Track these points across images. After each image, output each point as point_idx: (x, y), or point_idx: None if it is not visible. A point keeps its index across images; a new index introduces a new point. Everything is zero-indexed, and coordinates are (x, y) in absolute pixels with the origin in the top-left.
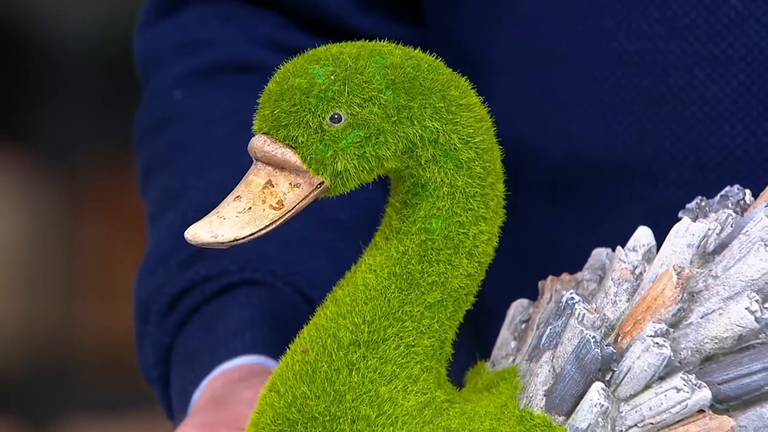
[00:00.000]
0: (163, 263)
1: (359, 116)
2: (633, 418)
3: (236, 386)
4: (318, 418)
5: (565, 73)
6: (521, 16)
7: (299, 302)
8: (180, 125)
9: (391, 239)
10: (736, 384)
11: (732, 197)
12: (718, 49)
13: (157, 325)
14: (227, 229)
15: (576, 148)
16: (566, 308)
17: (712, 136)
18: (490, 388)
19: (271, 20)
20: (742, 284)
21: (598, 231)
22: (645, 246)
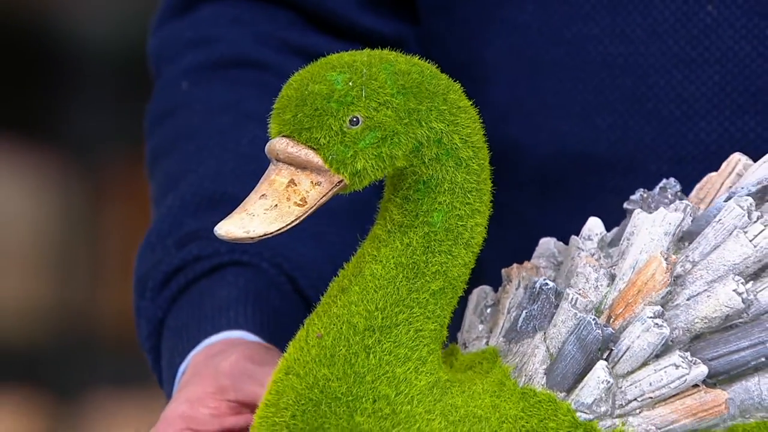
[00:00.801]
0: (161, 242)
1: (375, 119)
2: (633, 393)
3: (215, 359)
4: (341, 398)
5: (552, 75)
6: (512, 23)
7: (284, 283)
8: (184, 113)
9: (394, 232)
10: (725, 360)
11: (670, 189)
12: (694, 52)
13: (151, 300)
14: (257, 225)
15: (563, 144)
16: (541, 293)
17: (689, 132)
18: (473, 368)
19: (277, 18)
20: (725, 268)
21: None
22: (598, 235)
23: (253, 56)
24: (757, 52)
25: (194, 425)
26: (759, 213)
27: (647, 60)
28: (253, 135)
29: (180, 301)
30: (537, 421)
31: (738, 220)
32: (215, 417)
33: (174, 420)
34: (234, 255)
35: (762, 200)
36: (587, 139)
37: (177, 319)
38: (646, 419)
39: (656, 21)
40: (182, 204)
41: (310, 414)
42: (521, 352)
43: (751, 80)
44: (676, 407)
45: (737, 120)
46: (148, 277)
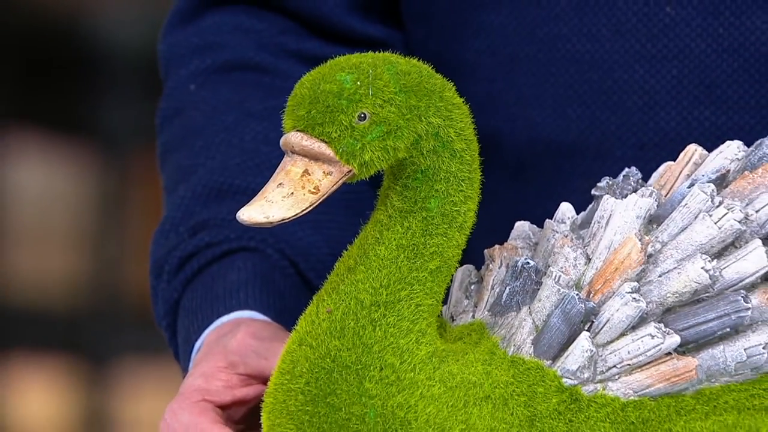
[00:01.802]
0: (174, 229)
1: (381, 115)
2: (613, 360)
3: (224, 339)
4: (351, 366)
5: (526, 71)
6: (488, 24)
7: (287, 266)
8: (192, 113)
9: (395, 217)
10: (694, 330)
11: (632, 177)
12: (655, 49)
13: (167, 282)
14: (276, 211)
15: (537, 132)
16: (523, 271)
17: (651, 122)
18: (463, 339)
19: (275, 25)
20: (693, 248)
21: (555, 202)
22: (570, 218)
23: (254, 60)
24: (711, 49)
25: (209, 396)
26: (720, 198)
27: (612, 56)
28: (255, 132)
29: (194, 284)
30: (526, 386)
31: (703, 205)
32: (228, 388)
33: (191, 393)
34: (242, 241)
35: (721, 186)
36: (558, 128)
37: (191, 300)
38: (625, 384)
39: (620, 21)
40: (193, 195)
41: (323, 381)
42: (507, 325)
43: (706, 74)
44: (651, 373)
45: (694, 110)
46: (164, 261)
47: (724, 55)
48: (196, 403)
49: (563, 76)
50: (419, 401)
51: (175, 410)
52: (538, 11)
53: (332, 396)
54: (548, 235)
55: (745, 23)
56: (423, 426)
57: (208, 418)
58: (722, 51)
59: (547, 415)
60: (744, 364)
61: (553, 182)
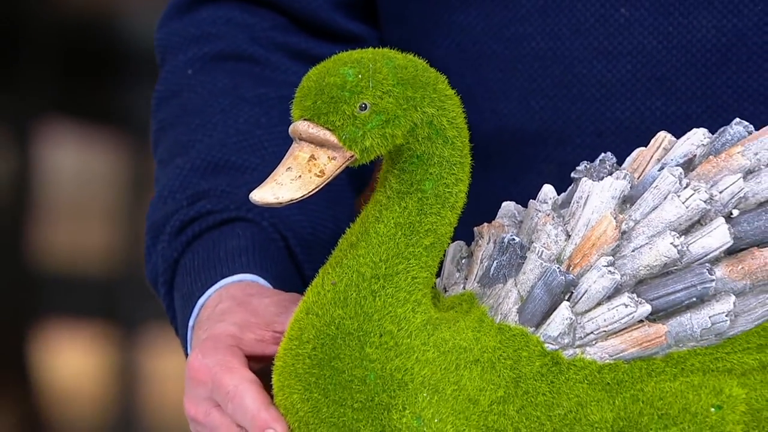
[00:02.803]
0: (172, 196)
1: (380, 105)
2: (590, 327)
3: (257, 297)
4: (353, 333)
5: (494, 67)
6: (458, 25)
7: (278, 239)
8: (190, 95)
9: (393, 198)
10: (663, 300)
11: (608, 161)
12: (611, 46)
13: (168, 243)
14: (285, 192)
15: (503, 122)
16: (509, 246)
17: (608, 111)
18: (454, 308)
19: (264, 20)
20: (663, 225)
21: (520, 184)
22: (552, 199)
23: (247, 52)
24: (662, 45)
25: (242, 345)
26: (687, 180)
27: (572, 53)
28: (248, 115)
29: (194, 246)
30: (512, 351)
31: (672, 186)
32: (260, 343)
33: (225, 337)
34: (240, 212)
35: (688, 170)
36: (523, 118)
37: (192, 261)
38: (601, 349)
39: (579, 21)
40: (192, 167)
41: (327, 346)
42: (495, 295)
43: (657, 68)
44: (625, 339)
45: (647, 101)
46: (164, 224)
47: (674, 51)
48: (228, 347)
49: (528, 71)
50: (415, 365)
51: (208, 348)
52: (505, 13)
53: (336, 360)
54: (532, 214)
55: (692, 22)
56: (419, 387)
57: (238, 359)
58: (672, 47)
59: (531, 376)
60: (709, 330)
61: (519, 167)
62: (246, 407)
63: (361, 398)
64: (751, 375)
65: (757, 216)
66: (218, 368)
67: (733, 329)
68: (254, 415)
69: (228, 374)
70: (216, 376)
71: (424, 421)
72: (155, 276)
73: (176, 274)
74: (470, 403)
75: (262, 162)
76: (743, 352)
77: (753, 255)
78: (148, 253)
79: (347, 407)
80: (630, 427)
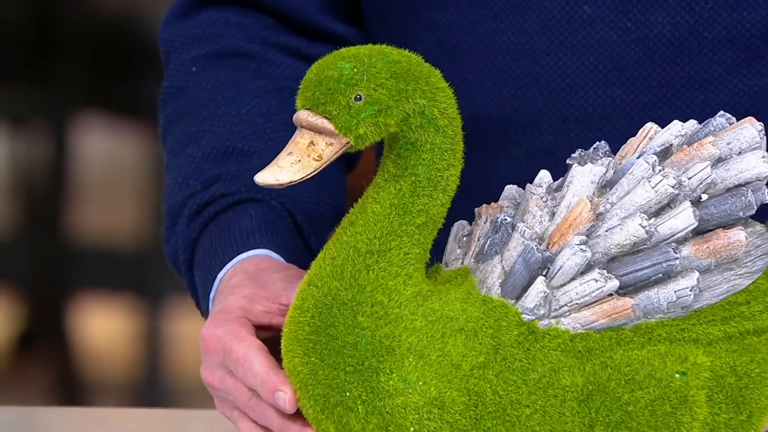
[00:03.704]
0: (186, 182)
1: (373, 96)
2: (564, 300)
3: (266, 271)
4: (347, 303)
5: (469, 60)
6: (436, 21)
7: (286, 216)
8: (195, 90)
9: (389, 180)
10: (632, 276)
11: (601, 149)
12: (575, 41)
13: (186, 225)
14: (285, 174)
15: (477, 110)
16: (501, 226)
17: (572, 99)
18: (451, 281)
19: (258, 21)
20: (634, 208)
21: (492, 165)
22: (546, 183)
23: (245, 49)
24: (622, 39)
25: (250, 316)
26: (661, 167)
27: (540, 47)
28: (250, 106)
29: (211, 227)
30: (493, 321)
31: (645, 172)
32: (267, 314)
33: (235, 309)
34: (251, 193)
35: (665, 157)
36: (495, 105)
37: (210, 240)
38: (574, 320)
39: (546, 18)
40: (203, 155)
41: (324, 315)
42: (484, 270)
43: (617, 61)
44: (595, 310)
45: (607, 90)
46: (182, 207)
47: (632, 45)
48: (237, 318)
49: (499, 64)
50: (403, 332)
51: (218, 320)
52: (478, 10)
53: (331, 327)
54: (527, 196)
55: (649, 19)
56: (405, 352)
57: (247, 329)
58: (630, 41)
59: (509, 344)
60: (674, 303)
61: (491, 150)
62: (255, 372)
63: (353, 362)
64: (717, 344)
65: (723, 200)
66: (228, 337)
67: (698, 303)
68: (263, 378)
69: (237, 342)
70: (226, 344)
71: (409, 384)
72: (175, 255)
73: (195, 252)
74: (453, 367)
75: (266, 147)
76: (708, 323)
77: (718, 235)
78: (167, 235)
79: (340, 370)
80: (598, 392)
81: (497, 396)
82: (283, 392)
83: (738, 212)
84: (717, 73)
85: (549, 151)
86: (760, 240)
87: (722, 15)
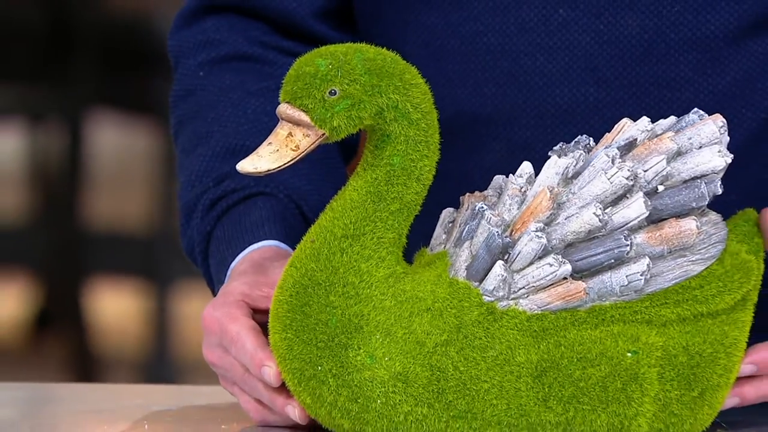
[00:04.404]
0: (199, 179)
1: (347, 91)
2: (522, 283)
3: (268, 261)
4: (321, 284)
5: (452, 60)
6: (423, 24)
7: (293, 208)
8: (203, 92)
9: (366, 169)
10: (586, 261)
11: (581, 142)
12: (551, 42)
13: (201, 219)
14: (264, 163)
15: (460, 107)
16: (478, 214)
17: (548, 97)
18: (430, 264)
19: (257, 28)
20: (590, 198)
21: (474, 159)
22: (527, 174)
23: (248, 53)
24: (594, 41)
25: (249, 300)
26: (621, 160)
27: (519, 48)
28: (255, 106)
29: (224, 220)
30: (457, 301)
31: (604, 164)
32: (265, 298)
33: (234, 293)
34: (259, 188)
35: (628, 150)
36: (477, 103)
37: (223, 232)
38: (531, 301)
39: (524, 20)
40: (213, 154)
41: (301, 294)
42: (456, 254)
43: (590, 61)
44: (550, 293)
45: (581, 88)
46: (196, 203)
47: (604, 46)
48: (235, 301)
49: (481, 63)
50: (372, 311)
51: (218, 303)
52: (461, 13)
53: (306, 306)
54: (509, 186)
55: (620, 22)
56: (373, 330)
57: (242, 311)
58: (602, 43)
59: (470, 323)
60: (627, 287)
61: (473, 144)
62: (246, 349)
63: (324, 338)
64: (671, 326)
65: (678, 191)
66: (225, 318)
67: (650, 287)
68: (252, 354)
69: (232, 323)
70: (223, 325)
71: (376, 359)
72: (191, 247)
73: (210, 244)
74: (417, 344)
75: None
76: (661, 306)
77: (671, 224)
78: (183, 229)
79: (313, 345)
80: (552, 368)
81: (458, 371)
82: (269, 367)
83: (691, 203)
84: (683, 73)
85: (527, 145)
86: (713, 229)
87: (688, 18)
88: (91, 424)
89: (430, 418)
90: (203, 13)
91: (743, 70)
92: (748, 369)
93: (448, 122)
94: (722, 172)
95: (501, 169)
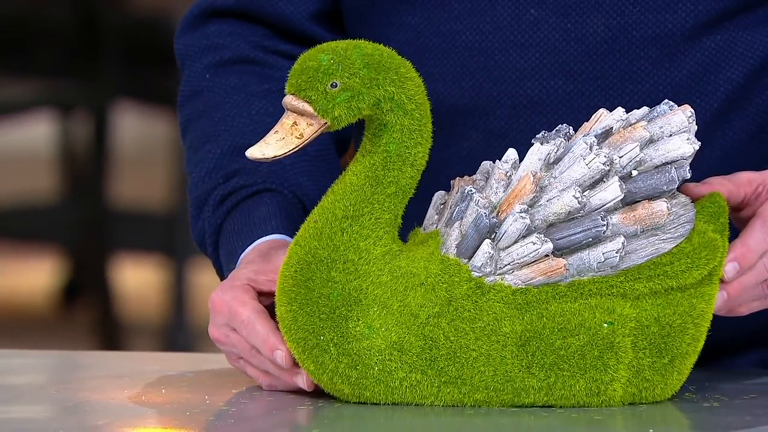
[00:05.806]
0: (209, 176)
1: (347, 84)
2: (507, 260)
3: (276, 251)
4: (323, 260)
5: (434, 57)
6: (406, 24)
7: (297, 204)
8: (209, 94)
9: (365, 156)
10: (566, 240)
11: (562, 131)
12: (524, 39)
13: (212, 212)
14: (271, 149)
15: (440, 99)
16: (467, 197)
17: (521, 91)
18: (423, 243)
19: (259, 32)
20: (570, 181)
21: (453, 147)
22: (512, 160)
23: (251, 56)
24: (563, 38)
25: (255, 284)
26: (598, 147)
27: (494, 45)
28: (259, 107)
29: (233, 214)
30: (448, 277)
31: (582, 151)
32: (270, 282)
33: (241, 278)
34: (266, 184)
35: (605, 138)
36: (456, 96)
37: (233, 225)
38: (516, 277)
39: (498, 19)
40: (221, 152)
41: (304, 270)
42: (447, 233)
43: (559, 56)
44: (533, 269)
45: (552, 81)
46: (206, 197)
47: (572, 43)
48: (242, 285)
49: (459, 60)
50: (370, 286)
51: (226, 287)
52: (441, 13)
53: (309, 281)
54: (495, 171)
55: (587, 20)
56: (371, 303)
57: (249, 295)
58: (571, 40)
59: (460, 297)
60: (603, 263)
61: (453, 134)
62: (258, 332)
63: (326, 311)
64: (643, 299)
65: (650, 176)
66: (234, 302)
67: (625, 263)
68: (264, 338)
69: (242, 307)
70: (232, 308)
71: (373, 330)
72: (202, 237)
73: (220, 236)
74: (411, 316)
75: None
76: (635, 281)
77: (644, 206)
78: (194, 221)
79: (315, 317)
80: (534, 338)
81: (449, 341)
82: (281, 351)
83: (663, 186)
84: (644, 67)
85: (502, 134)
86: (683, 210)
87: (649, 17)
88: (112, 388)
89: (423, 383)
90: (206, 18)
91: (698, 64)
92: (731, 268)
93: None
94: (690, 158)
95: (478, 156)
